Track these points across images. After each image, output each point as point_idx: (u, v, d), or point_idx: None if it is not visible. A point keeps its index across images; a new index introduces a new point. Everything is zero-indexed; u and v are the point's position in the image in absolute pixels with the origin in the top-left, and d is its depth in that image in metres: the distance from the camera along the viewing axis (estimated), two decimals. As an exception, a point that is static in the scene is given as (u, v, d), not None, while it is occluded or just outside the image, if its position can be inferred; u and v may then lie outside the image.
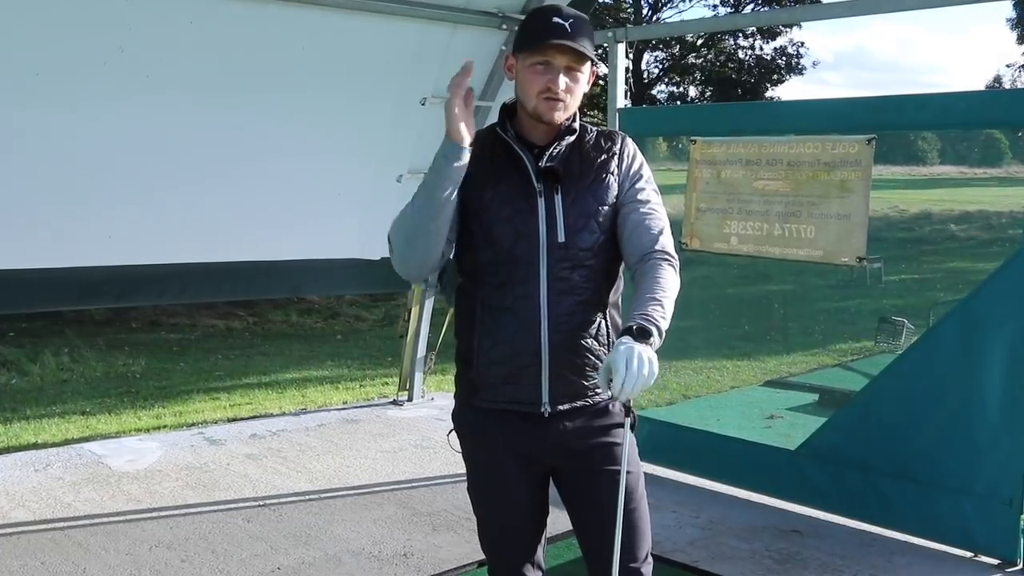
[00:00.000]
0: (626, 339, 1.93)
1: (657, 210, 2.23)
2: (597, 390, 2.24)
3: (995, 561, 3.88)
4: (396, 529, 4.29)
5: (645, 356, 1.90)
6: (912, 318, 8.78)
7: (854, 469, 4.24)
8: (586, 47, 2.12)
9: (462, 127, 2.10)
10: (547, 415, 2.21)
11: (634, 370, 1.88)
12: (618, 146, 2.27)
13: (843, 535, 4.22)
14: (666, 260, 2.16)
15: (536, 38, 2.13)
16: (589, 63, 2.17)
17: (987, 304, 3.87)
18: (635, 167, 2.27)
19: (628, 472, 2.24)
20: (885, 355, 7.95)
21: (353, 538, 4.18)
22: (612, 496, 2.22)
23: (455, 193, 2.12)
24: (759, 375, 8.23)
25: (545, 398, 2.20)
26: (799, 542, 4.15)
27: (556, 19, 2.11)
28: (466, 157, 2.11)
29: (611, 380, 1.89)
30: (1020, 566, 3.82)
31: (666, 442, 4.85)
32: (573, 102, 2.19)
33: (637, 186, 2.25)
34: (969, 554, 3.95)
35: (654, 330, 1.97)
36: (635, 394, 1.90)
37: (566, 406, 2.21)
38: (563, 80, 2.13)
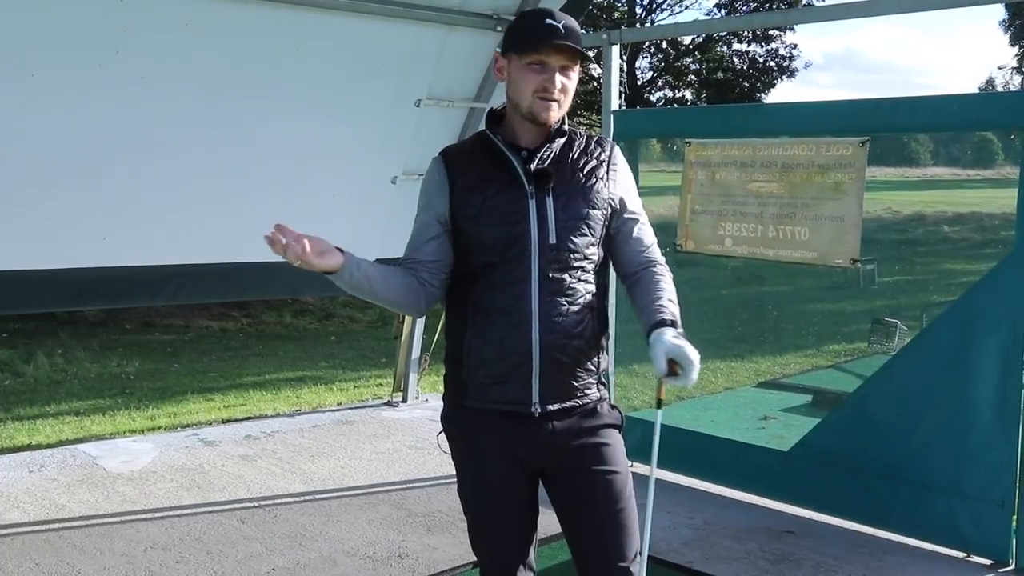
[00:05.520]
0: (669, 331, 2.08)
1: (646, 222, 2.35)
2: (587, 390, 2.26)
3: (987, 561, 3.90)
4: (391, 530, 4.29)
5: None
6: (905, 319, 8.81)
7: (847, 470, 4.25)
8: (581, 48, 2.17)
9: (319, 262, 2.13)
10: (537, 415, 2.22)
11: (697, 361, 2.04)
12: (607, 153, 2.31)
13: (836, 536, 4.23)
14: (665, 268, 2.30)
15: (533, 39, 2.16)
16: (579, 64, 2.21)
17: (980, 306, 3.89)
18: (628, 181, 2.34)
19: (617, 472, 2.27)
20: (878, 356, 7.97)
21: (348, 539, 4.18)
22: (602, 496, 2.24)
23: (377, 281, 2.21)
24: (753, 376, 8.25)
25: (535, 398, 2.21)
26: (793, 543, 4.16)
27: (550, 21, 2.15)
28: (347, 272, 2.16)
29: (678, 368, 2.05)
30: (1012, 566, 3.84)
31: (660, 443, 4.85)
32: (566, 102, 2.23)
33: (629, 199, 2.33)
34: (962, 554, 3.97)
35: (680, 325, 2.14)
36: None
37: (555, 406, 2.23)
38: (559, 80, 2.17)
